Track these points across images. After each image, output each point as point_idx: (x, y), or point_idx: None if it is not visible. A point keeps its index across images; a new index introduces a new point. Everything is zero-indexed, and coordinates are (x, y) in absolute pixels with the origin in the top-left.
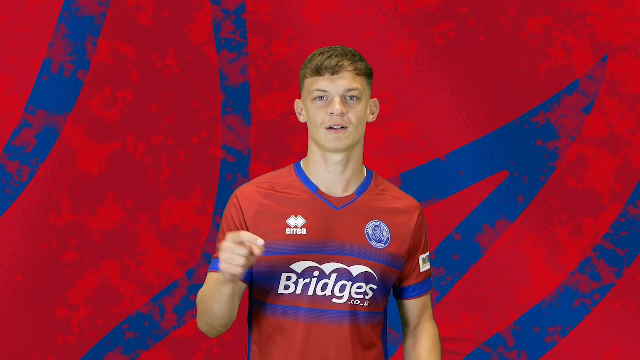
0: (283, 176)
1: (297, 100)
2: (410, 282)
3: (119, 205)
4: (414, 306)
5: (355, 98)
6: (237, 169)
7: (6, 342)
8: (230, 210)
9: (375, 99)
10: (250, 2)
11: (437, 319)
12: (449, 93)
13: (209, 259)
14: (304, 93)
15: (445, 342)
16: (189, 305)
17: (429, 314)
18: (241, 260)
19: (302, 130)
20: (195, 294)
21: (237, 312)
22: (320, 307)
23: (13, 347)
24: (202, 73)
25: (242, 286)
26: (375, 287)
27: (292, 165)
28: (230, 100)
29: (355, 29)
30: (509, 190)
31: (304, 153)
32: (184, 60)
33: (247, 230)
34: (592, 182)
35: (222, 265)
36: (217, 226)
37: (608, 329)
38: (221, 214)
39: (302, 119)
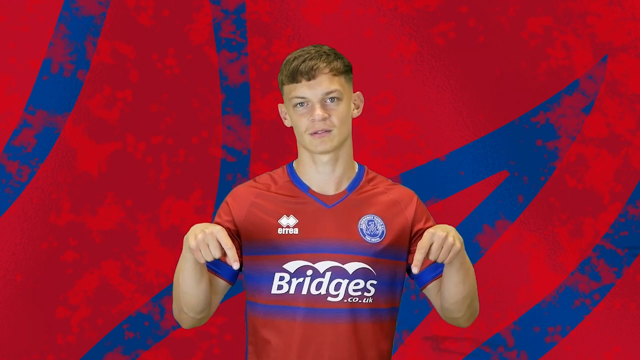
0: (277, 177)
1: (280, 105)
2: (423, 266)
3: (119, 205)
4: (436, 288)
5: (335, 99)
6: (237, 169)
7: (6, 342)
8: (220, 213)
9: (358, 93)
10: (250, 2)
11: (438, 318)
12: (449, 93)
13: None
14: (285, 99)
15: (445, 341)
16: None
17: None
18: (208, 257)
19: None
20: None
21: (209, 305)
22: (315, 306)
23: (13, 347)
24: (202, 73)
25: (222, 283)
26: (375, 282)
27: (285, 166)
28: (230, 100)
29: (355, 29)
30: (509, 190)
31: None
32: (184, 60)
33: (238, 232)
34: (592, 182)
35: (192, 242)
36: None
37: (608, 329)
38: None
39: (287, 122)
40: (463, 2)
